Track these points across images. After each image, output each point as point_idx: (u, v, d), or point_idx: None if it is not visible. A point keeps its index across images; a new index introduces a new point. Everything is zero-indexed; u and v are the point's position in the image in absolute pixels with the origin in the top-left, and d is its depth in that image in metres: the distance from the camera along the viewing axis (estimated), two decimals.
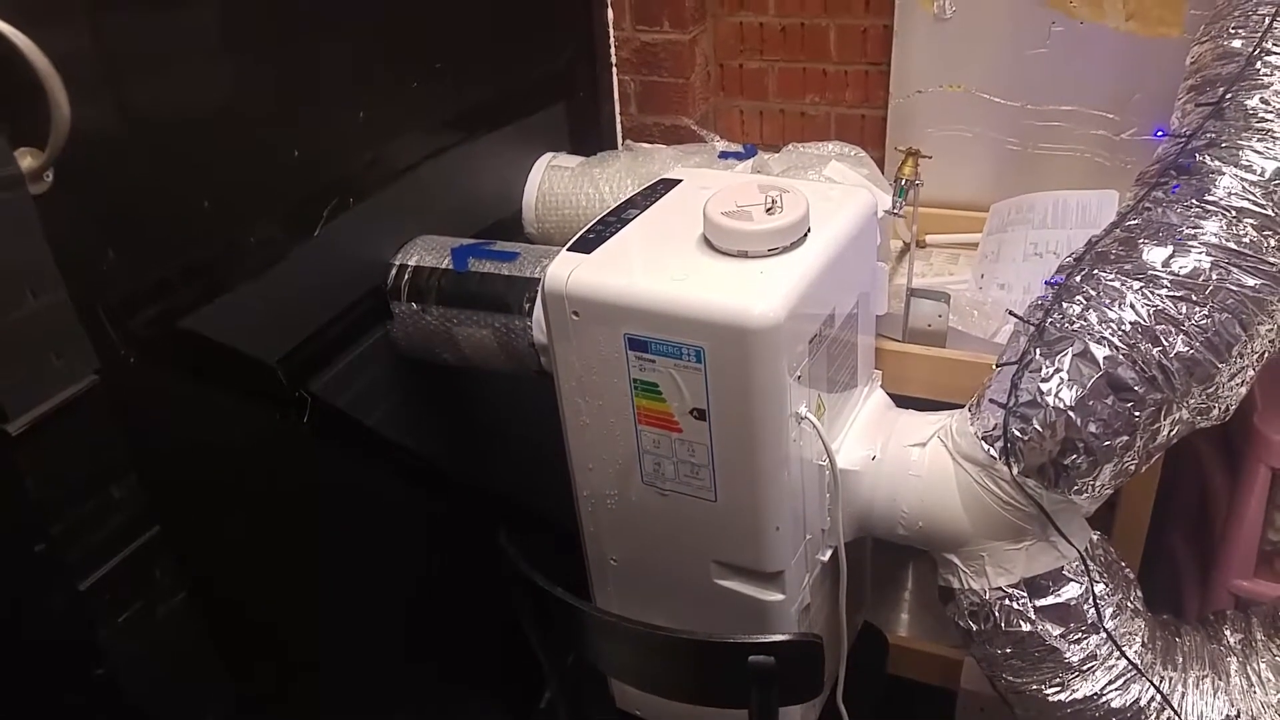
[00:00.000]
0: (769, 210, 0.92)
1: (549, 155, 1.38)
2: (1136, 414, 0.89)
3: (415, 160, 1.15)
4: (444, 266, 1.10)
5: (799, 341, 0.90)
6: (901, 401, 1.14)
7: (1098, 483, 0.93)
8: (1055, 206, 1.33)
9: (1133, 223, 0.95)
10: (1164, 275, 0.90)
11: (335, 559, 1.11)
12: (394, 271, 1.12)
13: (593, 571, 1.11)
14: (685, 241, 0.95)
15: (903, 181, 1.13)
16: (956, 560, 1.02)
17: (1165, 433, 0.92)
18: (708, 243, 0.93)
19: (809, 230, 0.94)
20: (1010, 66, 1.41)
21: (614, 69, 1.56)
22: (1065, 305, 0.93)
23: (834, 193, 1.04)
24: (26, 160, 0.71)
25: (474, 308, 1.08)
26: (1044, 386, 0.91)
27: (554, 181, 1.34)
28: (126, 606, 0.80)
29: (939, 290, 1.19)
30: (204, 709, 0.89)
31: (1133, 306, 0.89)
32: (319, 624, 1.12)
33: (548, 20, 1.41)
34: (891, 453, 1.03)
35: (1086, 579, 0.98)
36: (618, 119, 1.59)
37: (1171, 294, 0.89)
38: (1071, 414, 0.90)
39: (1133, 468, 0.93)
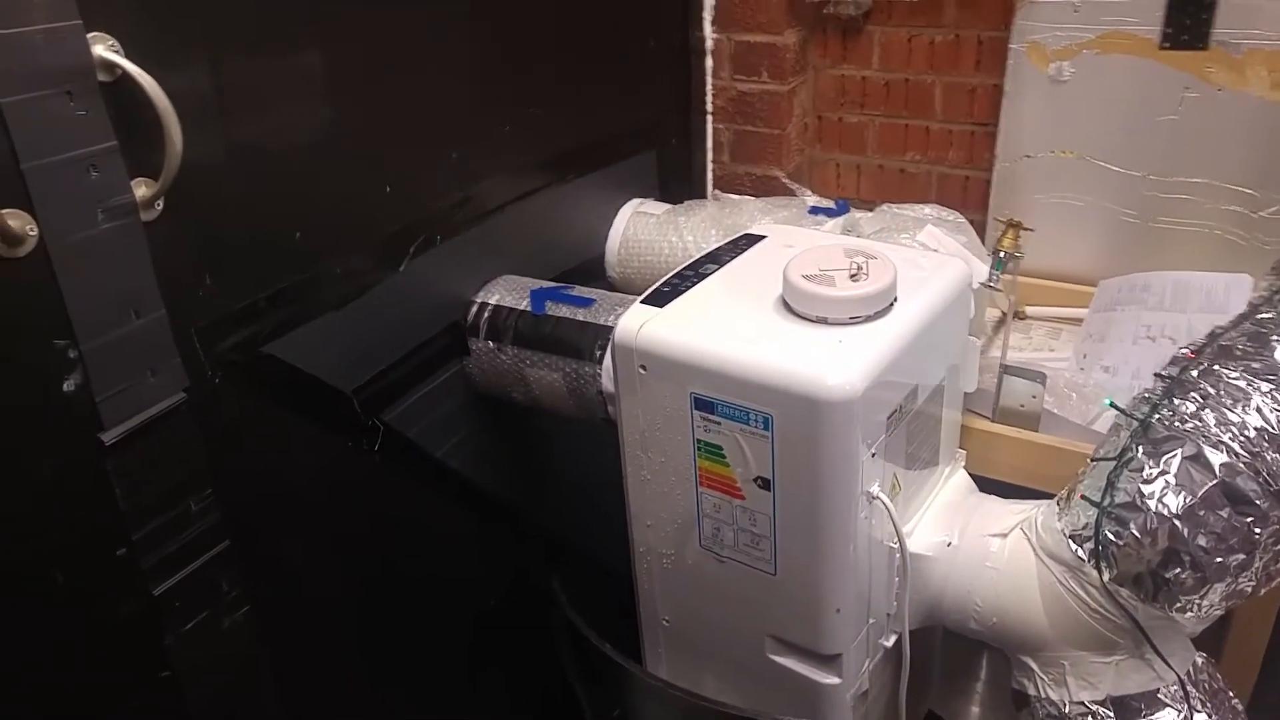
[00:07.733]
0: (853, 276, 0.87)
1: (636, 201, 1.36)
2: (1257, 531, 0.80)
3: (504, 201, 1.15)
4: (522, 308, 1.09)
5: (876, 416, 0.85)
6: (985, 485, 1.07)
7: (1205, 602, 0.84)
8: (1175, 287, 1.23)
9: (1266, 315, 0.87)
10: None
11: (394, 583, 1.11)
12: (474, 309, 1.12)
13: (645, 629, 1.07)
14: (762, 302, 0.91)
15: (1001, 253, 1.07)
16: (1033, 665, 0.94)
17: None
18: (786, 306, 0.89)
19: (895, 299, 0.89)
20: (1132, 133, 1.32)
21: (709, 117, 1.53)
22: (1177, 401, 0.85)
23: (926, 260, 0.99)
24: (140, 189, 0.74)
25: (547, 351, 1.07)
26: (1145, 489, 0.83)
27: (638, 228, 1.32)
28: (194, 615, 0.83)
29: (1035, 369, 1.11)
30: None
31: (1259, 410, 0.80)
32: (376, 648, 1.11)
33: (645, 68, 1.40)
34: (969, 540, 0.96)
35: (1185, 706, 0.88)
36: (709, 167, 1.56)
37: None
38: (1177, 523, 0.81)
39: (1249, 589, 0.83)
